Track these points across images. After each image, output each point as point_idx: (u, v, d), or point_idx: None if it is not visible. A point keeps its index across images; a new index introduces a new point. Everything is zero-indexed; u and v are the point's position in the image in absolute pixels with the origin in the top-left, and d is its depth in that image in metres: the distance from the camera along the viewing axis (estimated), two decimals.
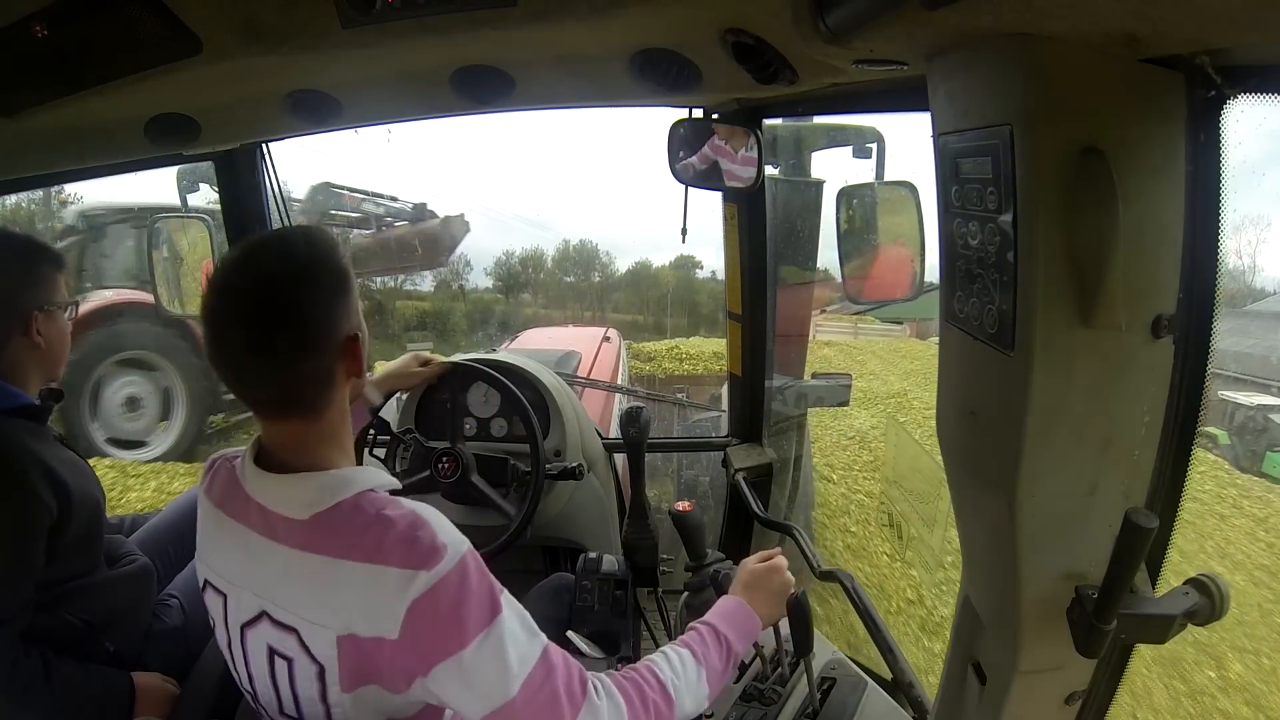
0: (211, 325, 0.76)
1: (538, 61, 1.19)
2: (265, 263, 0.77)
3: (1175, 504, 0.75)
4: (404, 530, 0.75)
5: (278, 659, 0.79)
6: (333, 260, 0.79)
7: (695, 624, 0.95)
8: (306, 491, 0.77)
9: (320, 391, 0.79)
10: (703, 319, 33.76)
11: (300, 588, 0.76)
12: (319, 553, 0.75)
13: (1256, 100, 0.61)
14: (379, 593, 0.73)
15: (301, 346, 0.76)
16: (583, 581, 1.49)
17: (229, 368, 0.76)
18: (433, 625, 0.73)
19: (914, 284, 1.52)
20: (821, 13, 0.74)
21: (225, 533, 0.82)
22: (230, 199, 1.83)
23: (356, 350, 0.80)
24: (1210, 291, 0.68)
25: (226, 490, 0.84)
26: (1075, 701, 0.80)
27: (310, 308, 0.76)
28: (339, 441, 0.83)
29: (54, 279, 1.24)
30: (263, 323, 0.74)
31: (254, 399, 0.79)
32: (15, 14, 0.94)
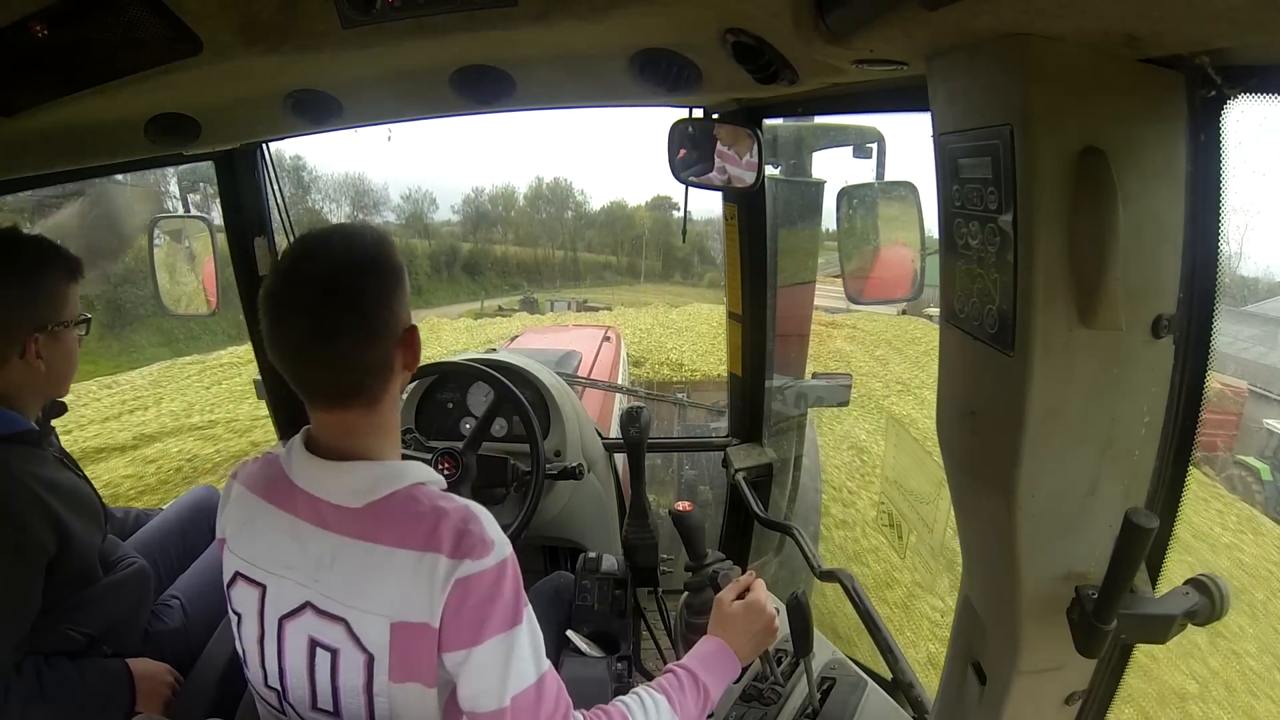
0: (275, 311, 0.77)
1: (538, 61, 1.19)
2: (334, 253, 0.78)
3: (1175, 504, 0.75)
4: (456, 522, 0.76)
5: (319, 650, 0.79)
6: (393, 255, 0.82)
7: (674, 667, 0.95)
8: (362, 480, 0.79)
9: (379, 381, 0.81)
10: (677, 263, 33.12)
11: (351, 575, 0.77)
12: (374, 540, 0.76)
13: (1256, 100, 0.61)
14: (428, 577, 0.74)
15: (367, 334, 0.78)
16: (582, 581, 1.49)
17: (292, 354, 0.78)
18: (459, 612, 0.75)
19: (914, 284, 1.52)
20: (821, 13, 0.74)
21: (268, 521, 0.82)
22: (230, 199, 1.84)
23: (414, 341, 0.83)
24: (1210, 291, 0.68)
25: (269, 480, 0.84)
26: (1075, 701, 0.80)
27: (376, 297, 0.78)
28: (390, 433, 0.84)
29: (61, 292, 1.14)
30: (333, 309, 0.76)
31: (315, 385, 0.80)
32: (15, 14, 0.94)
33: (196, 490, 1.63)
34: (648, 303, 28.15)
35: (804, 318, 2.72)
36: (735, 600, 1.05)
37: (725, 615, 1.03)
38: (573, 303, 28.51)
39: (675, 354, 10.27)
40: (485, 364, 1.78)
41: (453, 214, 36.81)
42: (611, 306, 26.96)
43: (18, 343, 1.10)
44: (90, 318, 1.22)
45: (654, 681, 0.92)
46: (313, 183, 29.74)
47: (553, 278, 34.59)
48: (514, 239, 34.26)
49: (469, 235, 32.99)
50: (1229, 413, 11.97)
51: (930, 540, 2.07)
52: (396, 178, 56.83)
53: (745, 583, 1.08)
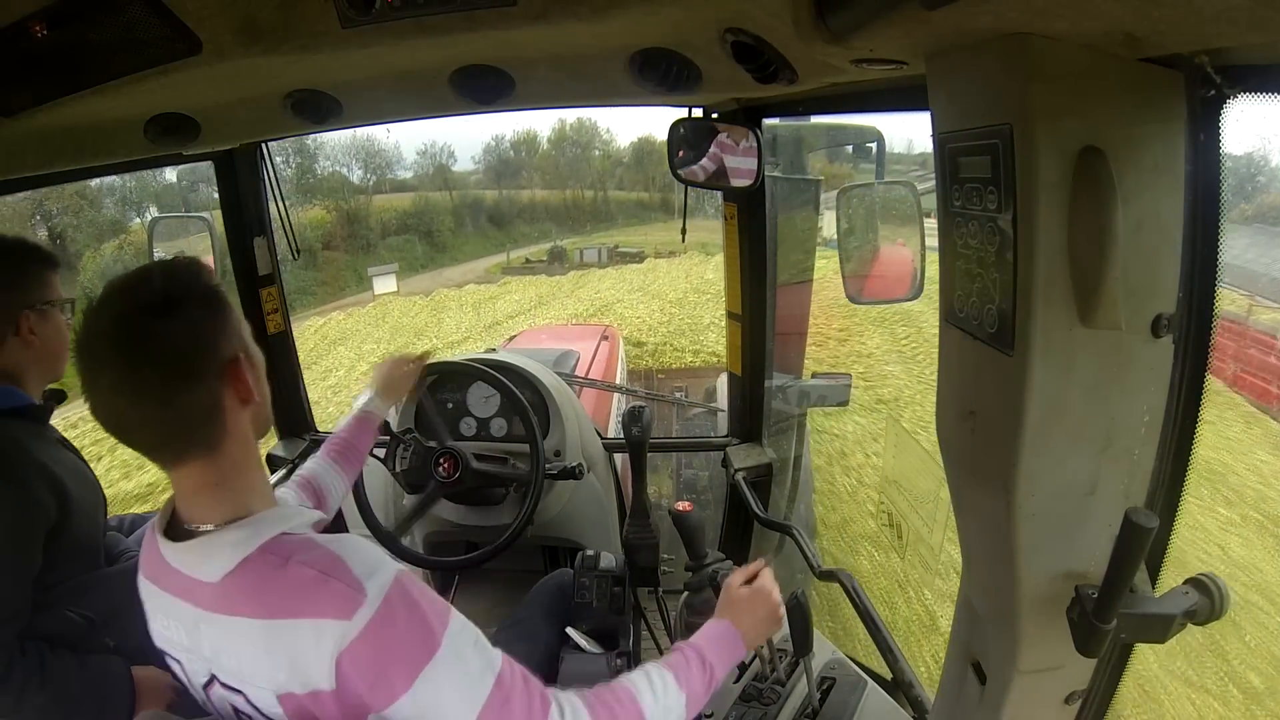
0: (82, 375, 0.71)
1: (538, 61, 1.19)
2: (120, 299, 0.71)
3: (1175, 504, 0.75)
4: (317, 577, 0.70)
5: (242, 715, 0.77)
6: (195, 285, 0.74)
7: (681, 646, 0.94)
8: (210, 552, 0.73)
9: (211, 426, 0.74)
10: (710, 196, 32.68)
11: (231, 650, 0.72)
12: (237, 614, 0.71)
13: (1256, 100, 0.61)
14: (304, 648, 0.69)
15: (174, 379, 0.70)
16: (581, 579, 1.49)
17: (108, 416, 0.71)
18: (368, 671, 0.69)
19: (914, 283, 1.52)
20: (821, 12, 0.74)
21: (158, 603, 0.79)
22: (230, 199, 1.84)
23: (240, 373, 0.75)
24: (1210, 291, 0.68)
25: (150, 558, 0.80)
26: (1075, 701, 0.80)
27: (176, 338, 0.70)
28: (247, 477, 0.78)
29: (46, 278, 1.24)
30: (130, 362, 0.69)
31: (143, 446, 0.73)
32: (15, 14, 0.94)
33: None
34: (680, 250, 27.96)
35: (803, 317, 2.72)
36: (743, 585, 1.05)
37: (732, 598, 1.03)
38: (603, 250, 26.96)
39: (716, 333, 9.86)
40: (485, 364, 1.78)
41: (474, 164, 35.21)
42: (644, 254, 25.88)
43: (11, 321, 1.19)
44: (75, 299, 1.29)
45: (661, 659, 0.91)
46: (319, 149, 28.73)
47: (583, 220, 32.81)
48: (540, 183, 32.63)
49: (493, 184, 31.52)
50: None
51: (929, 540, 2.07)
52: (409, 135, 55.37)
53: (754, 569, 1.08)
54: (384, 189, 31.32)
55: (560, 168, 34.77)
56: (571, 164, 34.75)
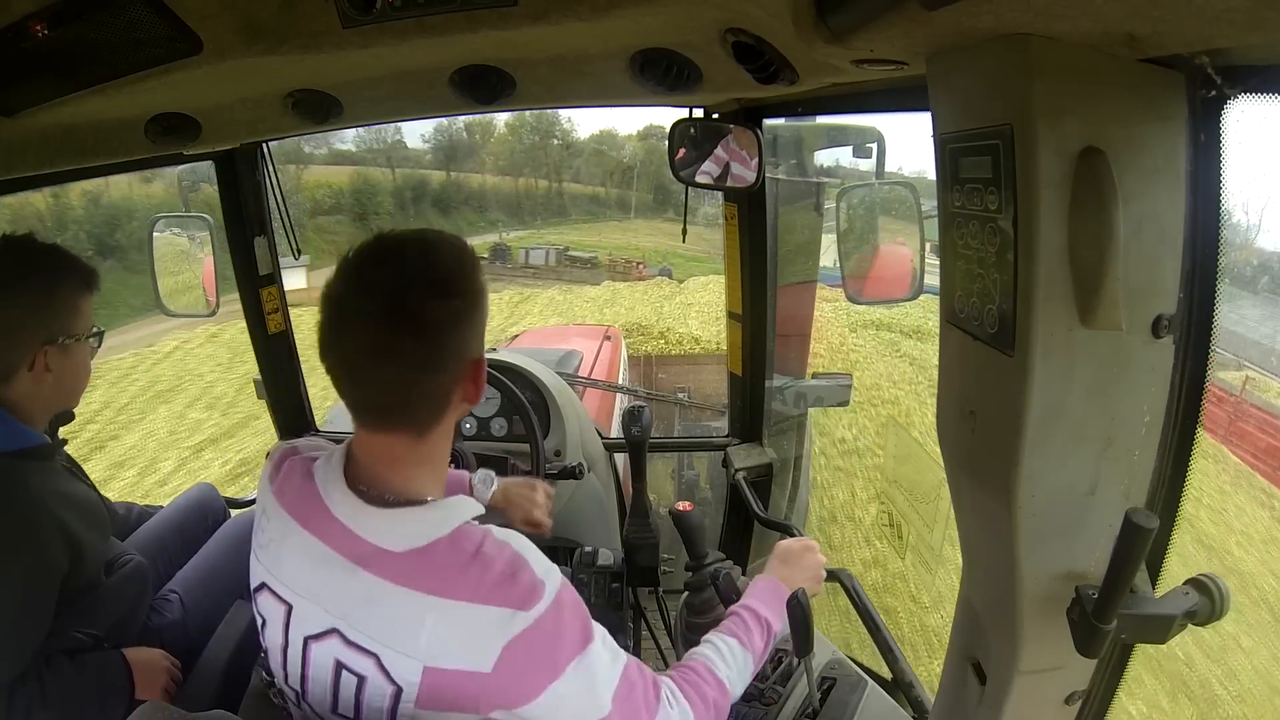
0: (332, 316, 0.72)
1: (538, 61, 1.19)
2: (406, 266, 0.73)
3: (1175, 504, 0.75)
4: (503, 568, 0.73)
5: (345, 673, 0.76)
6: (475, 277, 0.76)
7: (736, 608, 0.99)
8: (404, 527, 0.75)
9: (431, 412, 0.76)
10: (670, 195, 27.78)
11: (387, 617, 0.73)
12: (413, 588, 0.73)
13: (1256, 100, 0.61)
14: (478, 631, 0.72)
15: (426, 362, 0.73)
16: (579, 575, 1.49)
17: (344, 364, 0.73)
18: (529, 662, 0.72)
19: (913, 283, 1.52)
20: (821, 13, 0.74)
21: (299, 544, 0.78)
22: (230, 198, 1.84)
23: (479, 375, 0.78)
24: (1210, 291, 0.68)
25: (302, 497, 0.79)
26: (1075, 701, 0.80)
27: (443, 323, 0.73)
28: (436, 466, 0.81)
29: (75, 304, 1.11)
30: (394, 327, 0.71)
31: (360, 403, 0.75)
32: (15, 14, 0.94)
33: (196, 488, 1.64)
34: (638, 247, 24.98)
35: (804, 317, 2.72)
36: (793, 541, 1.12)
37: (782, 550, 1.10)
38: (552, 252, 24.71)
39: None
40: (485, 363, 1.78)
41: (423, 142, 31.79)
42: (597, 261, 24.06)
43: (28, 355, 1.07)
44: (103, 331, 1.19)
45: (720, 626, 0.96)
46: None
47: (535, 211, 30.69)
48: (493, 169, 30.13)
49: (441, 165, 28.41)
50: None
51: (930, 539, 2.07)
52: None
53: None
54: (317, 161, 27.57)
55: (515, 154, 31.99)
56: (528, 152, 32.15)
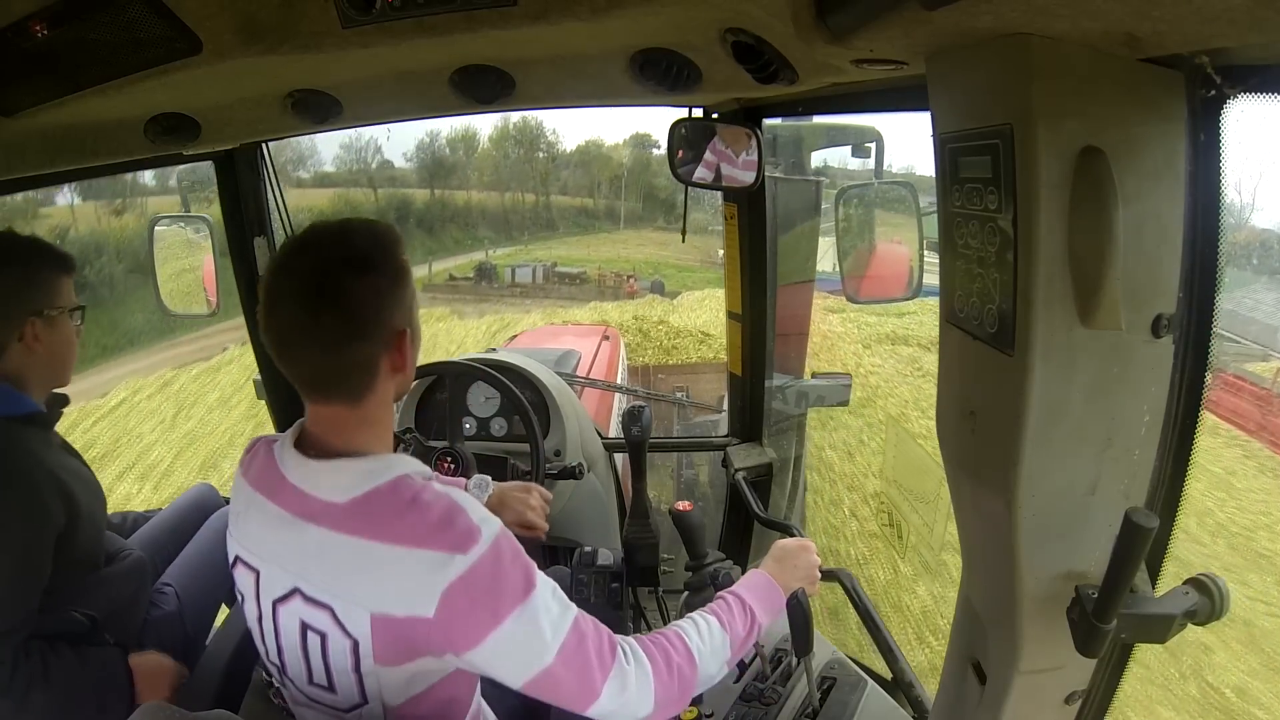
0: (266, 300, 0.79)
1: (538, 61, 1.19)
2: (325, 247, 0.80)
3: (1175, 504, 0.75)
4: (440, 514, 0.77)
5: (310, 633, 0.81)
6: (393, 254, 0.82)
7: (723, 594, 0.99)
8: (344, 476, 0.80)
9: (362, 379, 0.81)
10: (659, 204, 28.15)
11: (335, 567, 0.78)
12: (356, 535, 0.77)
13: (1256, 100, 0.61)
14: (416, 574, 0.75)
15: (348, 333, 0.78)
16: (579, 575, 1.49)
17: (278, 344, 0.79)
18: (469, 606, 0.76)
19: (911, 283, 1.52)
20: (821, 13, 0.74)
21: (259, 511, 0.84)
22: (230, 199, 1.84)
23: (404, 345, 0.83)
24: (1210, 291, 0.68)
25: (262, 472, 0.86)
26: (1075, 701, 0.80)
27: (362, 296, 0.78)
28: (378, 429, 0.85)
29: (56, 282, 1.20)
30: (313, 305, 0.77)
31: (298, 377, 0.81)
32: (15, 14, 0.94)
33: (196, 488, 1.67)
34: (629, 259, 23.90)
35: (804, 317, 2.72)
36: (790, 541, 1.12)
37: (778, 550, 1.09)
38: (539, 269, 23.94)
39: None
40: (485, 364, 1.78)
41: (405, 161, 31.39)
42: (586, 276, 23.37)
43: (16, 328, 1.15)
44: (84, 307, 1.26)
45: (705, 606, 0.96)
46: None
47: (523, 226, 29.90)
48: (478, 185, 29.39)
49: (425, 184, 27.73)
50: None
51: (930, 540, 2.07)
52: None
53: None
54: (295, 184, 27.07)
55: (500, 169, 31.44)
56: (513, 165, 31.66)
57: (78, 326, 1.25)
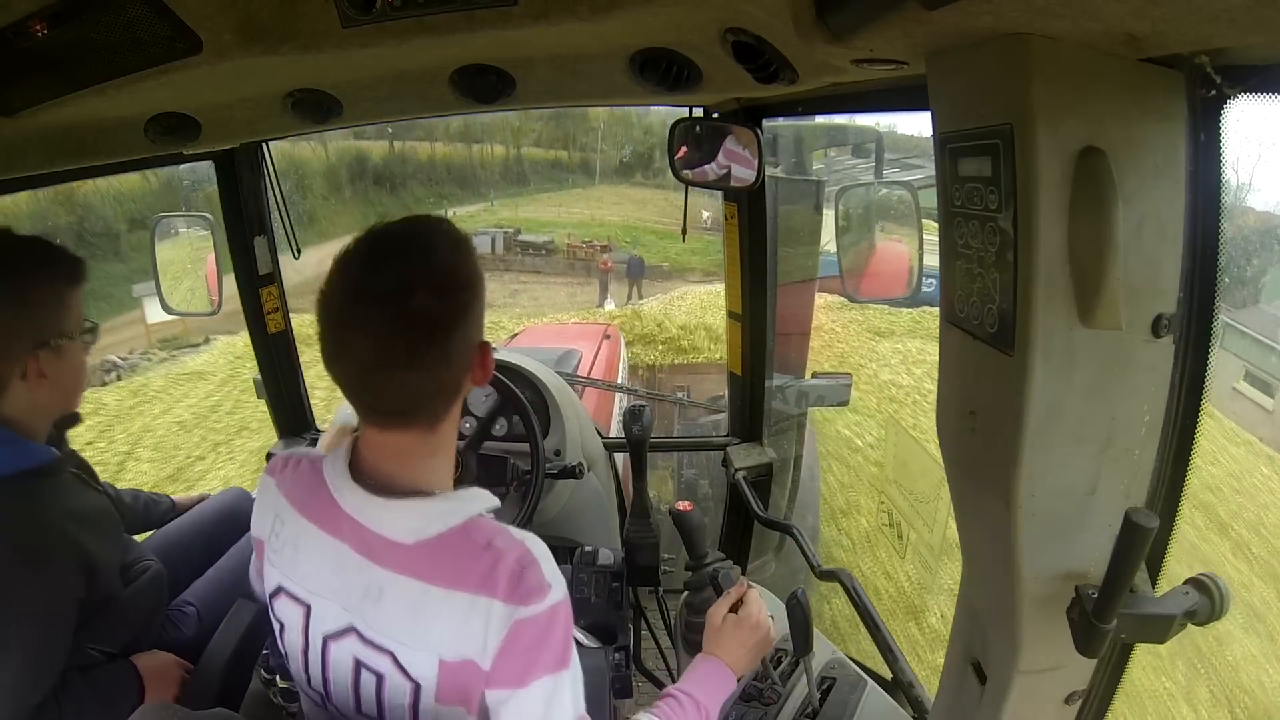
0: (337, 327, 0.71)
1: (538, 61, 1.19)
2: (407, 264, 0.71)
3: (1175, 504, 0.75)
4: (513, 564, 0.73)
5: (365, 672, 0.77)
6: (473, 267, 0.76)
7: (672, 690, 0.94)
8: (414, 517, 0.74)
9: (445, 402, 0.77)
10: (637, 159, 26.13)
11: (400, 611, 0.74)
12: (424, 580, 0.73)
13: (1256, 100, 0.61)
14: (483, 621, 0.72)
15: (440, 360, 0.72)
16: (579, 574, 1.50)
17: (354, 375, 0.72)
18: (509, 654, 0.73)
19: (910, 282, 1.52)
20: (821, 12, 0.74)
21: (312, 542, 0.78)
22: (230, 198, 1.84)
23: (487, 358, 0.78)
24: (1210, 291, 0.68)
25: (311, 496, 0.79)
26: (1075, 701, 0.80)
27: (452, 320, 0.72)
28: (445, 453, 0.81)
29: (64, 300, 1.04)
30: (403, 333, 0.69)
31: (377, 407, 0.75)
32: (15, 13, 0.94)
33: (228, 492, 1.61)
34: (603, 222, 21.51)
35: (804, 317, 2.72)
36: (727, 615, 1.03)
37: (717, 630, 1.02)
38: (499, 236, 20.95)
39: None
40: None
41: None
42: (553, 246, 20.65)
43: (18, 363, 1.00)
44: (97, 325, 1.12)
45: (654, 706, 0.91)
46: None
47: (492, 182, 27.83)
48: (443, 137, 26.73)
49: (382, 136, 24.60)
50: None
51: (928, 539, 2.07)
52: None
53: (736, 594, 1.06)
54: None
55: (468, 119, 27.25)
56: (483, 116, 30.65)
57: (89, 346, 1.10)
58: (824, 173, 5.96)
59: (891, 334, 9.30)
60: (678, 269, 19.37)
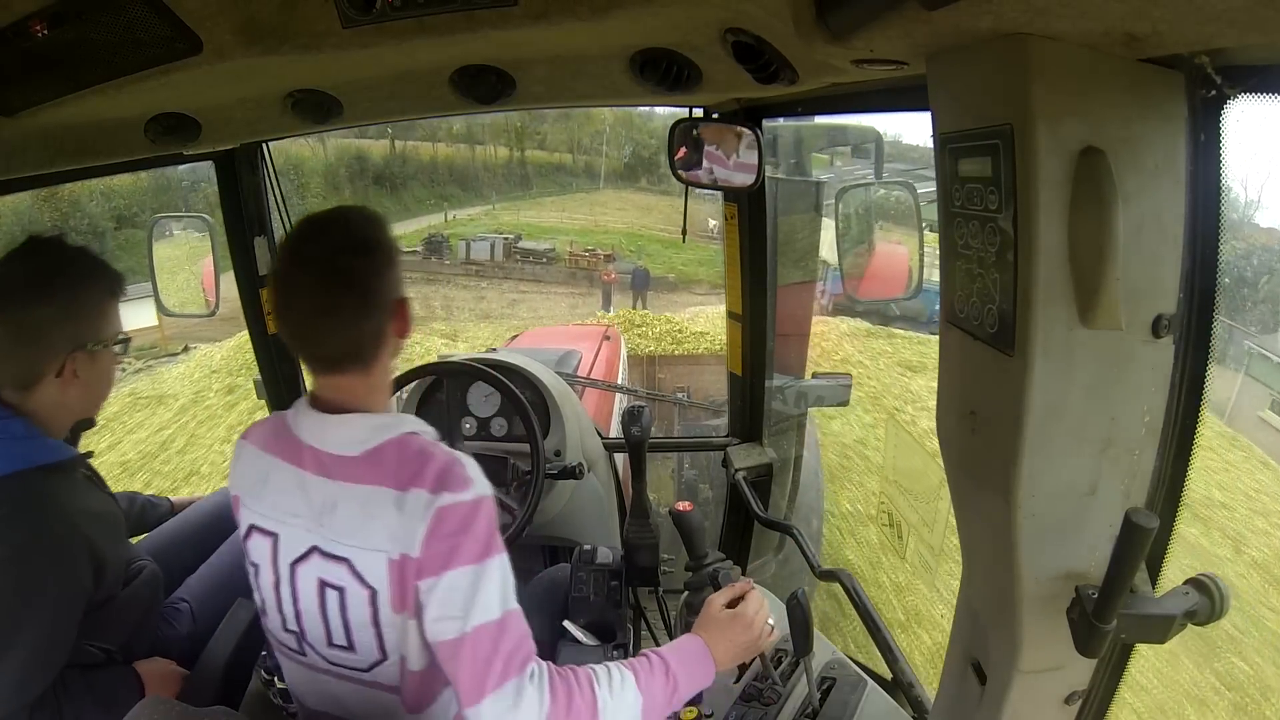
0: (283, 291, 0.88)
1: (538, 61, 1.19)
2: (330, 235, 0.88)
3: (1175, 504, 0.75)
4: (442, 463, 0.85)
5: (329, 590, 0.87)
6: (387, 234, 0.92)
7: (649, 652, 0.94)
8: (359, 430, 0.88)
9: (374, 347, 0.90)
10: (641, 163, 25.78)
11: (352, 518, 0.85)
12: (368, 484, 0.85)
13: (1256, 100, 0.61)
14: (411, 510, 0.83)
15: (363, 309, 0.87)
16: (578, 573, 1.50)
17: (298, 326, 0.88)
18: (433, 540, 0.82)
19: (910, 282, 1.52)
20: (821, 13, 0.74)
21: (277, 474, 0.91)
22: (230, 198, 1.84)
23: (405, 312, 0.92)
24: (1210, 291, 0.68)
25: (274, 437, 0.93)
26: (1075, 701, 0.80)
27: (370, 275, 0.87)
28: (383, 393, 0.95)
29: (104, 309, 1.10)
30: (330, 288, 0.85)
31: (317, 355, 0.90)
32: (15, 13, 0.94)
33: (220, 493, 1.61)
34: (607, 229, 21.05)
35: (804, 317, 2.72)
36: (725, 606, 1.03)
37: (711, 618, 1.02)
38: (498, 243, 19.93)
39: None
40: (485, 364, 1.78)
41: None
42: (555, 254, 19.84)
43: (56, 361, 1.05)
44: (130, 338, 1.18)
45: (626, 660, 0.92)
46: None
47: (494, 184, 26.84)
48: (446, 138, 26.89)
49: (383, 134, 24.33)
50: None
51: (929, 539, 2.07)
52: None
53: (740, 590, 1.06)
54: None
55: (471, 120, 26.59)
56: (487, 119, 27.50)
57: (119, 358, 1.15)
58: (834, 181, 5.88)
59: (924, 369, 8.57)
60: (683, 280, 18.93)
